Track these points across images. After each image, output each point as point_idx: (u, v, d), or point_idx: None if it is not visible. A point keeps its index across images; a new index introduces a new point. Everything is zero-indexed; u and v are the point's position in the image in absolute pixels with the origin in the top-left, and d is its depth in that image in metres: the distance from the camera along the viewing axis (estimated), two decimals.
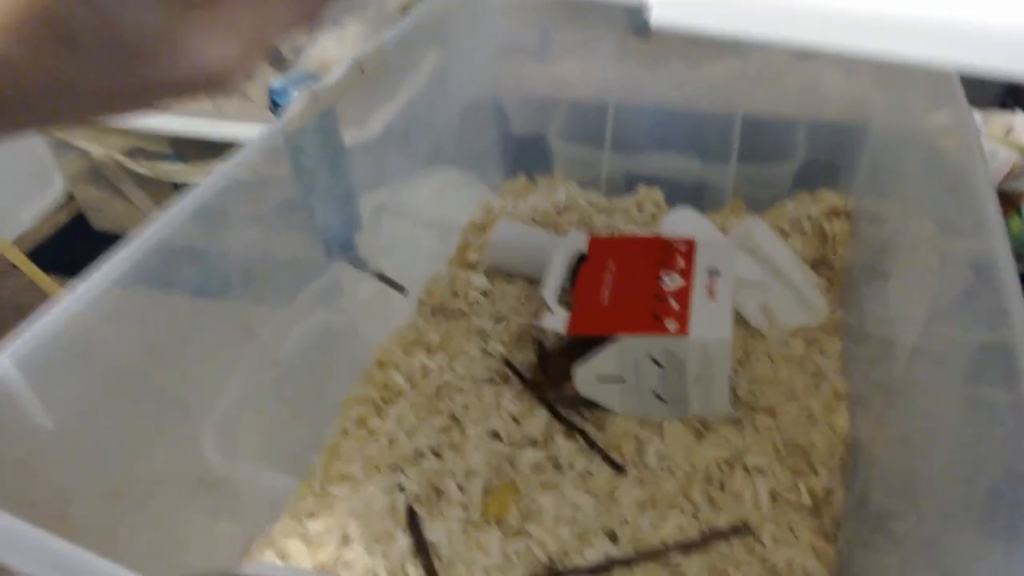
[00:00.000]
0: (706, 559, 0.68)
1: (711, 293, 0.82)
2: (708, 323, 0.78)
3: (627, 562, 0.68)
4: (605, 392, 0.78)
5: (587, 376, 0.78)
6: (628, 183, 1.19)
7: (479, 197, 1.15)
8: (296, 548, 0.71)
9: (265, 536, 0.73)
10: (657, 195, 1.14)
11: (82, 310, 0.53)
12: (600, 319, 0.79)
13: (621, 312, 0.80)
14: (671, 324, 0.75)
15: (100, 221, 1.34)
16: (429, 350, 0.91)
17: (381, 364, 0.86)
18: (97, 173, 1.24)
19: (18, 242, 1.32)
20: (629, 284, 0.84)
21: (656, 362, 0.76)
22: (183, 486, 0.67)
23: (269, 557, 0.71)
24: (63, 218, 1.39)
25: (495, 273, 1.02)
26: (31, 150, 1.34)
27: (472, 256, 1.05)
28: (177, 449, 0.66)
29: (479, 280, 1.00)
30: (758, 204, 1.14)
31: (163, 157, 1.19)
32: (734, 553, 0.69)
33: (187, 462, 0.67)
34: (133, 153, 1.19)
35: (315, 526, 0.73)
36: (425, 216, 1.04)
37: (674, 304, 0.80)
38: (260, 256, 0.73)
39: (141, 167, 1.19)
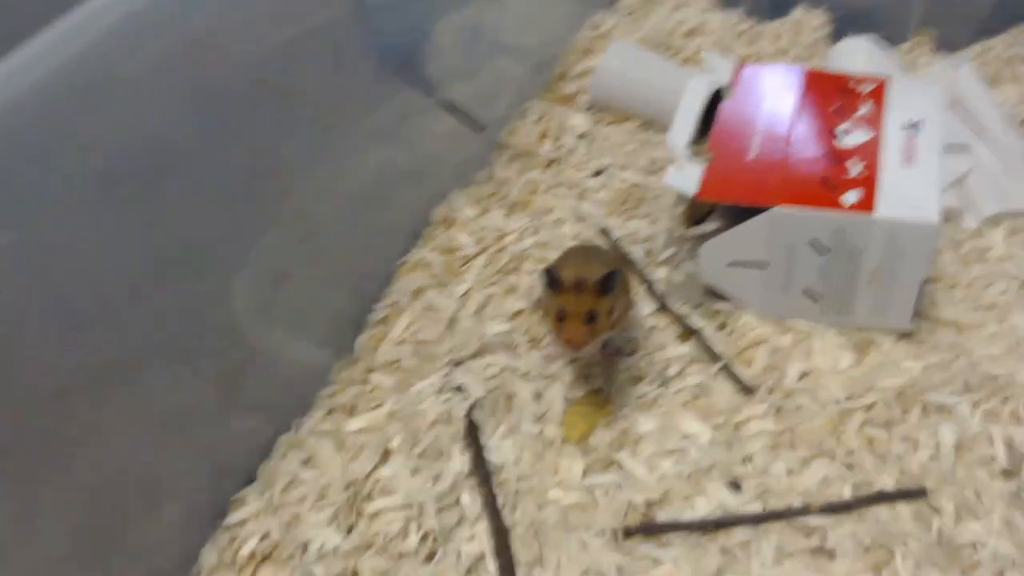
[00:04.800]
0: (860, 527, 0.50)
1: (909, 156, 0.58)
2: (904, 198, 0.55)
3: (751, 520, 0.50)
4: (738, 281, 0.60)
5: (716, 256, 0.58)
6: (776, 7, 0.91)
7: (584, 13, 0.90)
8: (327, 454, 0.56)
9: (289, 433, 0.58)
10: (819, 18, 0.86)
11: None
12: (745, 181, 0.58)
13: (775, 173, 0.57)
14: (849, 196, 0.53)
15: None
16: (508, 208, 0.71)
17: (446, 222, 0.68)
18: None
19: None
20: (790, 135, 0.60)
21: (818, 247, 0.54)
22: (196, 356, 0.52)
23: (292, 460, 0.57)
24: None
25: (600, 111, 0.79)
26: None
27: (571, 88, 0.81)
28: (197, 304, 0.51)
29: (578, 119, 0.78)
30: (949, 43, 0.85)
31: None
32: (899, 523, 0.50)
33: (206, 326, 0.52)
34: None
35: (352, 425, 0.58)
36: (514, 35, 0.80)
37: (854, 168, 0.57)
38: (287, 67, 0.52)
39: None
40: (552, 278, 0.52)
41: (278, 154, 0.53)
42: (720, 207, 0.67)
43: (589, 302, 0.51)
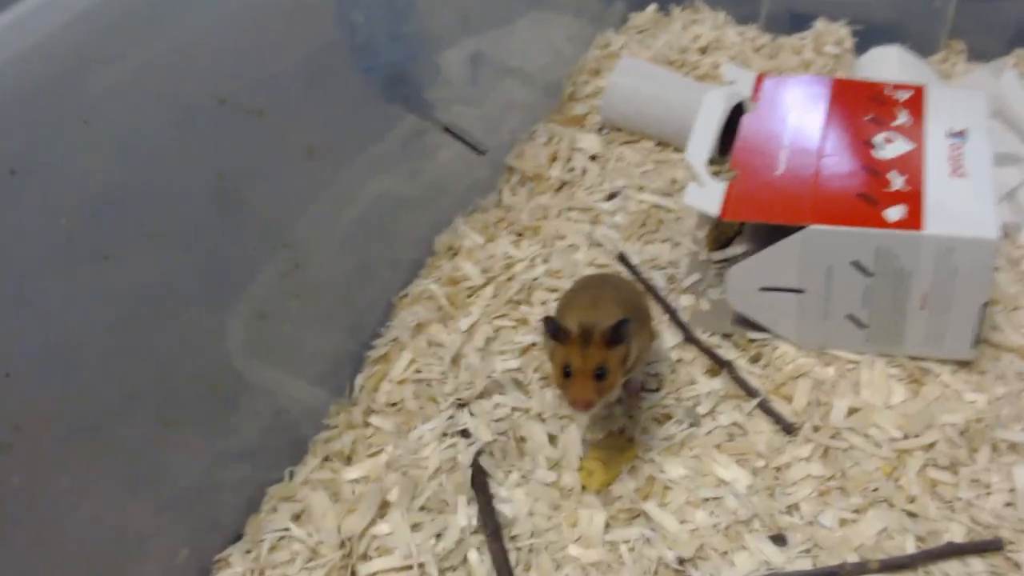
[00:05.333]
0: None
1: (957, 167, 0.53)
2: (956, 213, 0.50)
3: None
4: (772, 308, 0.54)
5: (746, 281, 0.52)
6: (794, 21, 0.86)
7: (593, 33, 0.86)
8: (321, 505, 0.50)
9: (282, 483, 0.53)
10: (842, 30, 0.82)
11: None
12: (773, 199, 0.52)
13: (807, 189, 0.52)
14: (892, 212, 0.48)
15: None
16: (517, 235, 0.66)
17: (451, 251, 0.62)
18: None
19: None
20: (821, 148, 0.55)
21: (861, 269, 0.49)
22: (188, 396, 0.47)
23: (283, 514, 0.51)
24: None
25: (613, 131, 0.74)
26: None
27: (581, 109, 0.77)
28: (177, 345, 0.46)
29: (589, 141, 0.73)
30: (981, 53, 0.80)
31: None
32: None
33: (188, 368, 0.47)
34: None
35: (350, 474, 0.52)
36: (519, 57, 0.76)
37: (897, 180, 0.52)
38: (273, 93, 0.48)
39: None
40: (554, 328, 0.46)
41: (266, 184, 0.48)
42: (747, 228, 0.62)
43: (598, 356, 0.45)
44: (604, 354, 0.45)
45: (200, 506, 0.51)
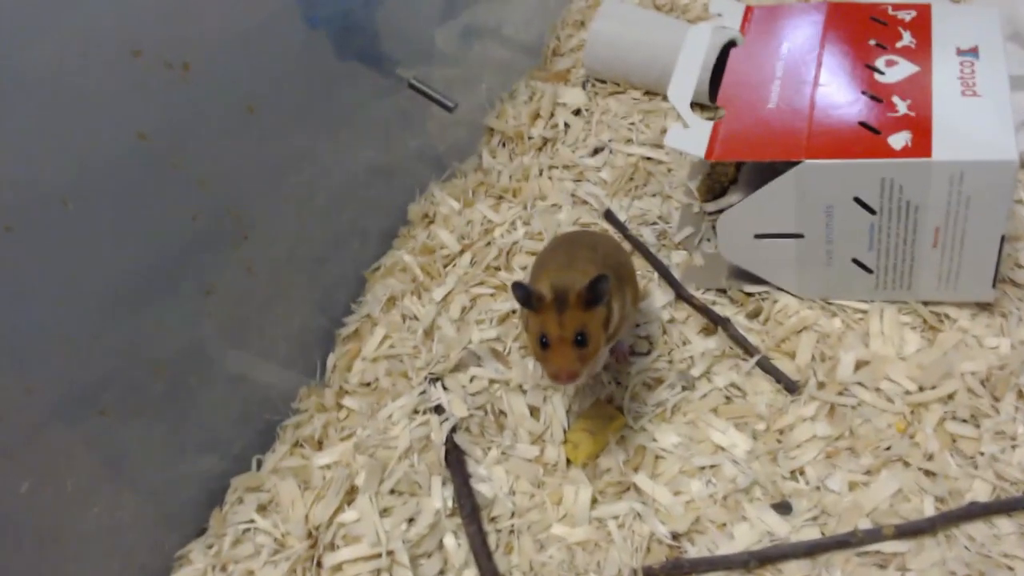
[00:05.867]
0: (949, 553, 0.40)
1: (969, 87, 0.47)
2: (969, 136, 0.45)
3: (808, 551, 0.40)
4: (769, 257, 0.50)
5: (738, 229, 0.48)
6: None
7: None
8: (289, 493, 0.47)
9: (248, 472, 0.49)
10: None
11: None
12: (763, 135, 0.48)
13: (801, 122, 0.47)
14: (897, 139, 0.43)
15: None
16: (496, 198, 0.62)
17: (426, 219, 0.59)
18: None
19: None
20: (816, 76, 0.50)
21: (865, 206, 0.44)
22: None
23: (249, 505, 0.48)
24: None
25: (598, 84, 0.69)
26: None
27: (564, 63, 0.72)
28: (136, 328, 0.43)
29: (572, 95, 0.69)
30: None
31: None
32: (1000, 543, 0.39)
33: (148, 351, 0.44)
34: None
35: (322, 459, 0.49)
36: (499, 9, 0.72)
37: (901, 105, 0.47)
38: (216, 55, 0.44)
39: None
40: (524, 294, 0.41)
41: (198, 145, 0.44)
42: (743, 174, 0.57)
43: (576, 320, 0.40)
44: (583, 317, 0.41)
45: (161, 501, 0.47)
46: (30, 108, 0.36)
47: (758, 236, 0.50)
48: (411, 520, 0.44)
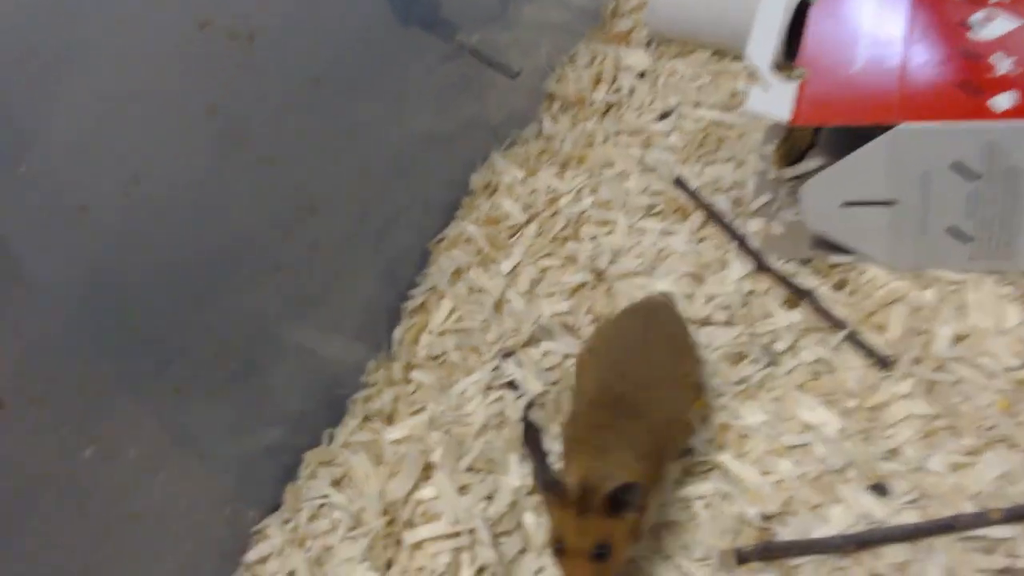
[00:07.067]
0: None
1: None
2: None
3: (908, 535, 0.38)
4: (857, 226, 0.48)
5: (824, 197, 0.45)
6: None
7: None
8: (362, 468, 0.47)
9: (320, 447, 0.49)
10: None
11: None
12: (852, 98, 0.46)
13: (892, 84, 0.45)
14: (1001, 100, 0.40)
15: None
16: (560, 166, 0.60)
17: (488, 188, 0.57)
18: None
19: None
20: (907, 35, 0.47)
21: (965, 171, 0.41)
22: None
23: (322, 480, 0.47)
24: None
25: (663, 44, 0.66)
26: None
27: (625, 24, 0.70)
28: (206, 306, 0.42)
29: (636, 57, 0.66)
30: None
31: None
32: None
33: (217, 329, 0.44)
34: None
35: (392, 434, 0.48)
36: None
37: (1003, 63, 0.44)
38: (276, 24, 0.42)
39: None
40: (546, 480, 0.36)
41: (265, 118, 0.43)
42: (823, 138, 0.54)
43: (600, 530, 0.34)
44: (607, 527, 0.35)
45: (234, 475, 0.47)
46: (100, 85, 0.35)
47: (846, 204, 0.47)
48: (489, 498, 0.44)
